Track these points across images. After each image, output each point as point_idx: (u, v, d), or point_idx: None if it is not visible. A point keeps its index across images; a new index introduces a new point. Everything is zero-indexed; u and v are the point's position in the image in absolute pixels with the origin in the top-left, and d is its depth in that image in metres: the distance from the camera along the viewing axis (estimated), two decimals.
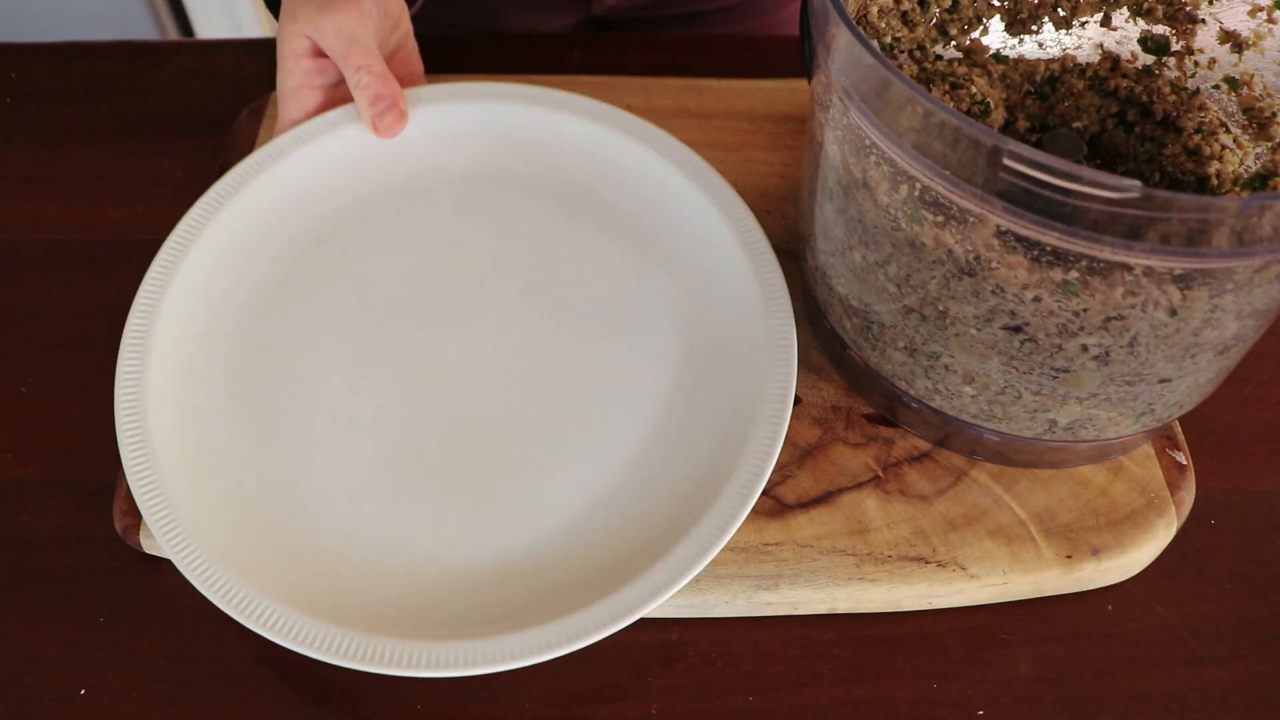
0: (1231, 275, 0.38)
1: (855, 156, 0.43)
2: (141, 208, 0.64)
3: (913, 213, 0.42)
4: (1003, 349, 0.43)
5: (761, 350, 0.51)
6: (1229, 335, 0.42)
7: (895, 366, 0.49)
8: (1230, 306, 0.40)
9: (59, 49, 0.74)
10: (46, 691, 0.45)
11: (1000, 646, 0.47)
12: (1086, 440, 0.48)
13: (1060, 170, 0.35)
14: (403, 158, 0.60)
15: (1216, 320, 0.40)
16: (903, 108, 0.39)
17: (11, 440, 0.53)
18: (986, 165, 0.37)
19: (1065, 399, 0.44)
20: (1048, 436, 0.47)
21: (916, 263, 0.43)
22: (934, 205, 0.41)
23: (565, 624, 0.43)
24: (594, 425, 0.51)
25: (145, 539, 0.48)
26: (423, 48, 0.64)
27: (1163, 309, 0.40)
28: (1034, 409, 0.46)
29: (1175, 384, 0.44)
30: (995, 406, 0.46)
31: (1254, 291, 0.39)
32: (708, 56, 0.73)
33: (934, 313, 0.44)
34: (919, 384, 0.48)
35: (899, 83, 0.38)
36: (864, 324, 0.49)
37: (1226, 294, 0.39)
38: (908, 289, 0.44)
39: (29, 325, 0.58)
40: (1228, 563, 0.50)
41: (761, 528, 0.48)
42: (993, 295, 0.41)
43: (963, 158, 0.38)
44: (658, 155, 0.59)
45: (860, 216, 0.45)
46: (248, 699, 0.45)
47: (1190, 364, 0.43)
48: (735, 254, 0.55)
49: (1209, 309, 0.40)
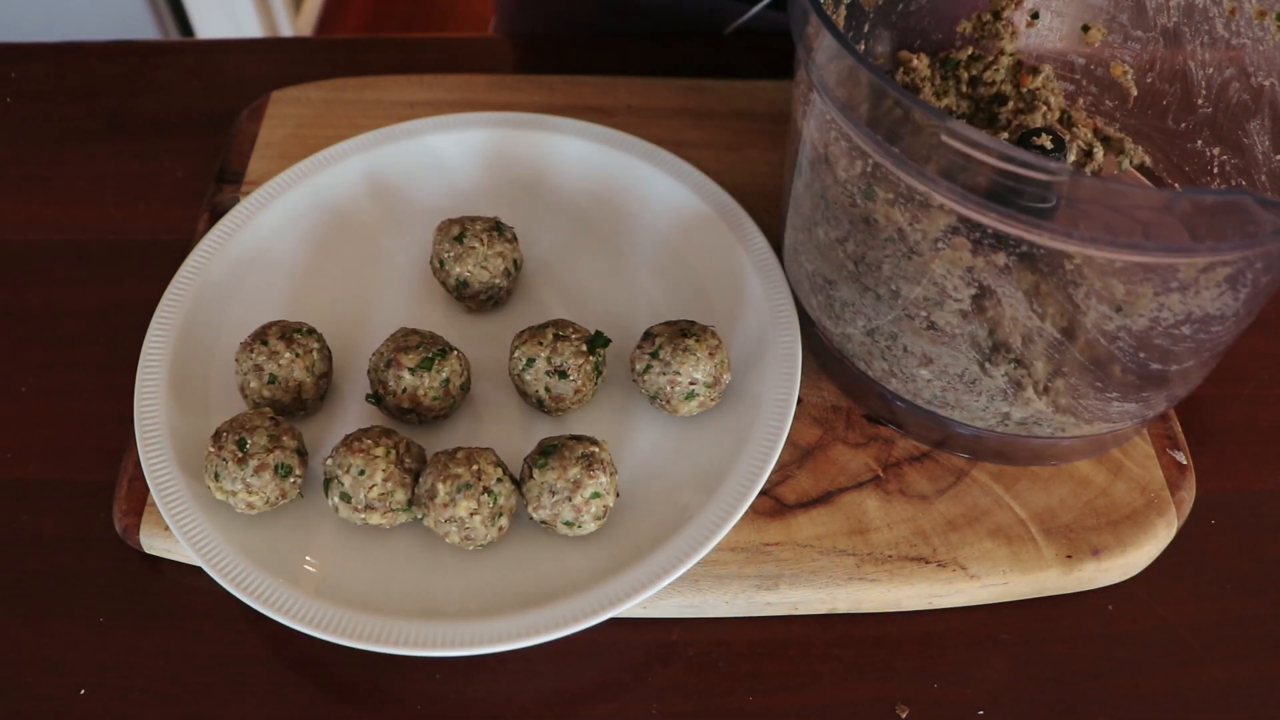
0: (1175, 273, 0.38)
1: (819, 133, 0.45)
2: (141, 208, 0.64)
3: (866, 189, 0.42)
4: (951, 333, 0.44)
5: (764, 350, 0.52)
6: (1187, 340, 0.42)
7: (855, 346, 0.49)
8: (1179, 307, 0.40)
9: (59, 49, 0.74)
10: (46, 691, 0.45)
11: (1000, 646, 0.47)
12: (1062, 437, 0.48)
13: (994, 149, 0.35)
14: (422, 180, 0.61)
15: (1164, 320, 0.40)
16: (858, 86, 0.40)
17: (11, 440, 0.53)
18: (928, 143, 0.38)
19: (1021, 387, 0.45)
20: (1000, 429, 0.48)
21: (871, 240, 0.44)
22: (884, 182, 0.41)
23: (563, 607, 0.43)
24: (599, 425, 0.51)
25: (145, 539, 0.48)
26: (427, 46, 0.64)
27: (1107, 303, 0.40)
28: (987, 399, 0.46)
29: (1137, 388, 0.45)
30: (949, 393, 0.47)
31: (1202, 294, 0.39)
32: (708, 56, 0.73)
33: (887, 292, 0.45)
34: (876, 365, 0.49)
35: (861, 67, 0.39)
36: (827, 301, 0.49)
37: (1172, 293, 0.39)
38: (864, 267, 0.45)
39: (29, 325, 0.58)
40: (1228, 563, 0.50)
41: (762, 528, 0.48)
42: (942, 278, 0.42)
43: (908, 136, 0.39)
44: (653, 166, 0.60)
45: (823, 192, 0.46)
46: (247, 698, 0.45)
47: (1149, 369, 0.43)
48: (736, 255, 0.56)
49: (1155, 307, 0.40)
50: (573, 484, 0.45)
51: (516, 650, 0.44)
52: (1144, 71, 0.54)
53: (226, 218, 0.57)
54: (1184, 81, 0.52)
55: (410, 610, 0.44)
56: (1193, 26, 0.51)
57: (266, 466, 0.45)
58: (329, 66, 0.72)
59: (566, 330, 0.50)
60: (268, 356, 0.49)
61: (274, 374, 0.49)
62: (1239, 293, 0.40)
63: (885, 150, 0.40)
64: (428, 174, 0.61)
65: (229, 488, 0.45)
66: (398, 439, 0.46)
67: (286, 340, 0.49)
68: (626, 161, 0.60)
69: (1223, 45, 0.50)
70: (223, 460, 0.45)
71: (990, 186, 0.37)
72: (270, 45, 0.79)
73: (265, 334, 0.49)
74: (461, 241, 0.53)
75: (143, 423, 0.49)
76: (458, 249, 0.53)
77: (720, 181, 0.60)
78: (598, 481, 0.45)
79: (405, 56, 0.73)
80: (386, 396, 0.49)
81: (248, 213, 0.57)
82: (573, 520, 0.45)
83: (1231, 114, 0.50)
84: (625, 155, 0.60)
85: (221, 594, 0.45)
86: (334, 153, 0.61)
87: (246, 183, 0.62)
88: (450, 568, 0.46)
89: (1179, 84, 0.52)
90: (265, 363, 0.49)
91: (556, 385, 0.49)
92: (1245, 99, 0.49)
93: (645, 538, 0.46)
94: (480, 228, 0.54)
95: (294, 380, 0.49)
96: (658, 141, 0.63)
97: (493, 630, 0.43)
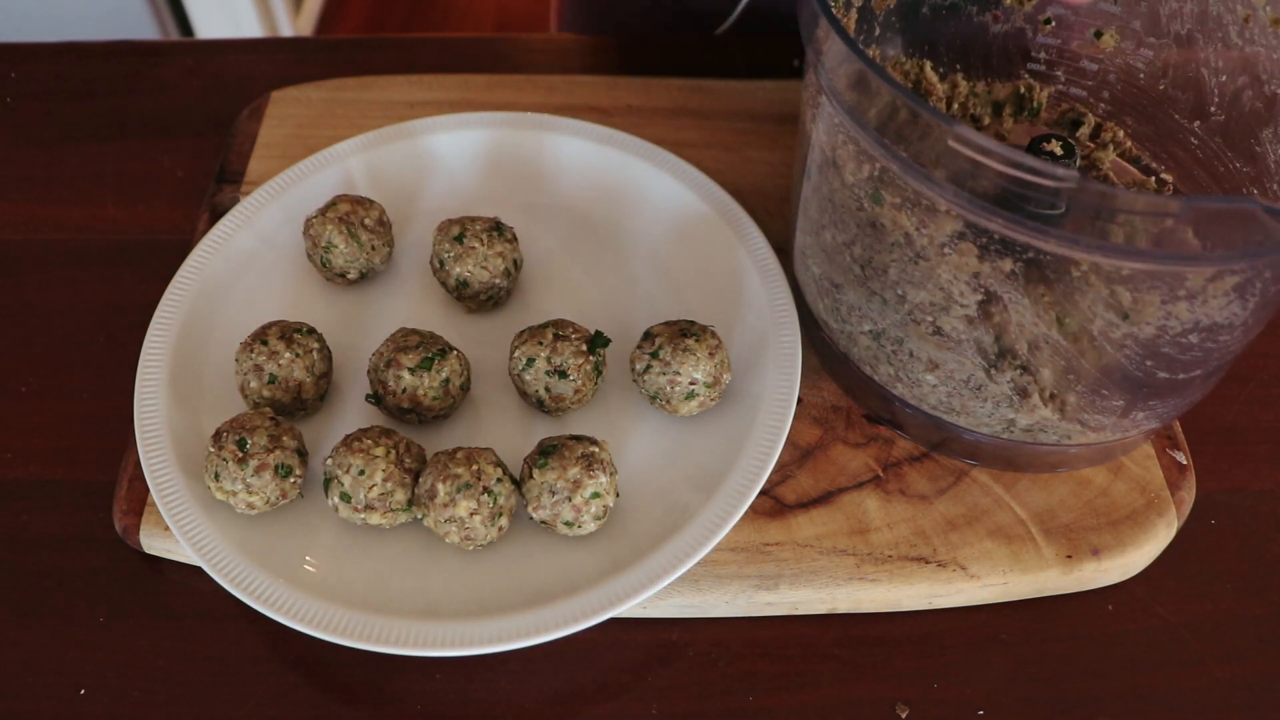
0: (1182, 281, 0.38)
1: (828, 136, 0.45)
2: (141, 208, 0.64)
3: (874, 193, 0.42)
4: (957, 338, 0.44)
5: (764, 350, 0.52)
6: (1194, 349, 0.42)
7: (861, 350, 0.49)
8: (1186, 316, 0.40)
9: (59, 49, 0.74)
10: (46, 691, 0.45)
11: (1000, 646, 0.47)
12: (1069, 445, 0.48)
13: (1001, 155, 0.35)
14: (418, 181, 0.61)
15: (1172, 329, 0.40)
16: (867, 91, 0.39)
17: (11, 440, 0.53)
18: (935, 148, 0.38)
19: (1027, 394, 0.45)
20: (1005, 435, 0.48)
21: (877, 244, 0.44)
22: (891, 186, 0.41)
23: (563, 607, 0.43)
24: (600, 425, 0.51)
25: (145, 539, 0.48)
26: (427, 46, 0.64)
27: (1114, 310, 0.40)
28: (993, 405, 0.46)
29: (1144, 396, 0.44)
30: (954, 399, 0.47)
31: (1210, 303, 0.39)
32: (708, 56, 0.73)
33: (894, 297, 0.45)
34: (882, 370, 0.49)
35: (870, 71, 0.39)
36: (834, 304, 0.49)
37: (1179, 301, 0.39)
38: (870, 271, 0.45)
39: (29, 325, 0.58)
40: (1228, 563, 0.50)
41: (762, 528, 0.48)
42: (948, 283, 0.42)
43: (916, 140, 0.38)
44: (653, 166, 0.60)
45: (830, 196, 0.46)
46: (247, 699, 0.45)
47: (1156, 378, 0.43)
48: (736, 255, 0.56)
49: (1163, 315, 0.39)
50: (573, 484, 0.45)
51: (516, 650, 0.44)
52: (1156, 78, 0.53)
53: (226, 217, 0.57)
54: (1197, 89, 0.52)
55: (410, 610, 0.44)
56: (1206, 34, 0.50)
57: (267, 466, 0.45)
58: (329, 66, 0.72)
59: (566, 330, 0.50)
60: (268, 356, 0.49)
61: (274, 374, 0.49)
62: (1247, 302, 0.39)
63: (892, 154, 0.40)
64: (428, 174, 0.61)
65: (229, 488, 0.45)
66: (397, 439, 0.46)
67: (286, 340, 0.49)
68: (626, 161, 0.60)
69: (1237, 52, 0.50)
70: (223, 460, 0.45)
71: (997, 192, 0.37)
72: (270, 45, 0.79)
73: (265, 334, 0.49)
74: (461, 242, 0.53)
75: (142, 423, 0.49)
76: (458, 249, 0.53)
77: (720, 181, 0.60)
78: (597, 481, 0.45)
79: (405, 56, 0.73)
80: (386, 396, 0.49)
81: (248, 212, 0.58)
82: (573, 520, 0.45)
83: (1244, 122, 0.50)
84: (625, 155, 0.60)
85: (221, 594, 0.45)
86: (334, 152, 0.61)
87: (246, 183, 0.62)
88: (450, 568, 0.46)
89: (1191, 91, 0.52)
90: (265, 363, 0.49)
91: (557, 385, 0.49)
92: (1259, 107, 0.49)
93: (645, 538, 0.46)
94: (480, 228, 0.54)
95: (294, 380, 0.49)
96: (658, 141, 0.63)
97: (493, 630, 0.43)
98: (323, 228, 0.54)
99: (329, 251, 0.54)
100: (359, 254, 0.55)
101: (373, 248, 0.55)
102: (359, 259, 0.55)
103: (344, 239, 0.54)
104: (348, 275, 0.55)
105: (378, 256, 0.56)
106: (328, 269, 0.55)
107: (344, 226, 0.54)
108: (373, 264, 0.56)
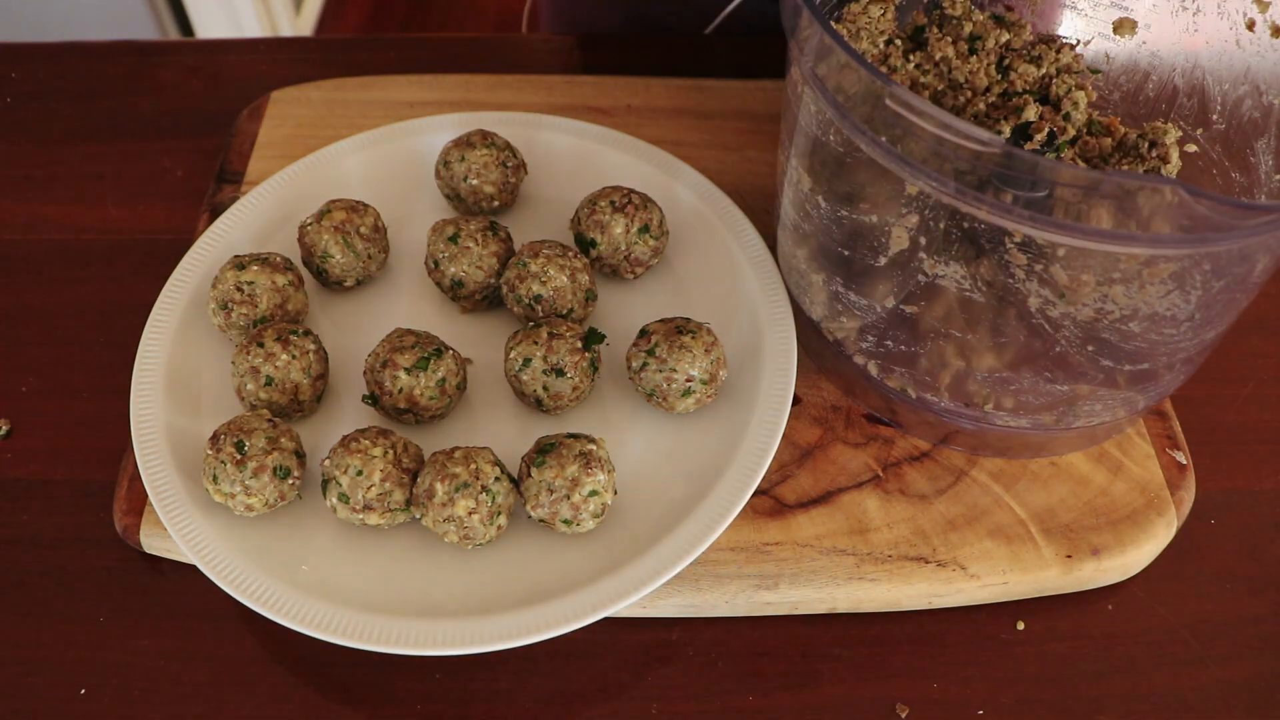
0: (1116, 263, 0.38)
1: (805, 123, 0.45)
2: (141, 208, 0.64)
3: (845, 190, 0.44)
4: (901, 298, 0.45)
5: (760, 347, 0.52)
6: (1137, 338, 0.42)
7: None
8: (1124, 300, 0.40)
9: (59, 49, 0.74)
10: (46, 691, 0.46)
11: (1000, 646, 0.47)
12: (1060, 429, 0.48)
13: (933, 116, 0.36)
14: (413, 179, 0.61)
15: (1110, 313, 0.40)
16: (827, 57, 0.40)
17: (11, 440, 0.53)
18: (875, 109, 0.38)
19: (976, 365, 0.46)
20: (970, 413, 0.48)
21: (849, 228, 0.45)
22: (859, 168, 0.42)
23: (562, 605, 0.43)
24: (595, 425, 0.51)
25: (145, 538, 0.48)
26: (427, 46, 0.64)
27: (1049, 286, 0.40)
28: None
29: (1096, 383, 0.45)
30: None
31: (1147, 289, 0.39)
32: (708, 57, 0.73)
33: (869, 284, 0.46)
34: (871, 365, 0.49)
35: (838, 47, 0.39)
36: (823, 295, 0.50)
37: (1115, 284, 0.39)
38: (848, 255, 0.46)
39: (29, 325, 0.58)
40: (1228, 563, 0.50)
41: (761, 527, 0.48)
42: (892, 245, 0.43)
43: (864, 104, 0.39)
44: (651, 166, 0.60)
45: (799, 182, 0.47)
46: (247, 698, 0.45)
47: (1099, 364, 0.43)
48: (732, 253, 0.56)
49: (1098, 297, 0.40)
50: (571, 482, 0.45)
51: (516, 649, 0.44)
52: (1163, 83, 0.53)
53: (223, 217, 0.57)
54: (1201, 96, 0.52)
55: (410, 610, 0.44)
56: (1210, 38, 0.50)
57: (265, 468, 0.45)
58: (329, 66, 0.72)
59: (560, 328, 0.50)
60: (264, 359, 0.49)
61: (271, 376, 0.49)
62: (1189, 294, 0.39)
63: (860, 130, 0.40)
64: (427, 174, 0.61)
65: (227, 490, 0.45)
66: (395, 439, 0.46)
67: (283, 342, 0.49)
68: (625, 161, 0.60)
69: (1239, 60, 0.50)
70: (221, 462, 0.45)
71: (975, 173, 0.37)
72: (270, 45, 0.79)
73: (261, 336, 0.49)
74: (456, 242, 0.53)
75: (139, 427, 0.48)
76: (452, 249, 0.53)
77: (719, 181, 0.60)
78: (595, 479, 0.45)
79: (405, 56, 0.73)
80: (383, 397, 0.49)
81: (245, 212, 0.57)
82: (571, 518, 0.45)
83: (1242, 131, 0.50)
84: (623, 155, 0.60)
85: (222, 594, 0.45)
86: (333, 152, 0.61)
87: (246, 183, 0.62)
88: (449, 567, 0.46)
89: (1196, 98, 0.52)
90: (262, 365, 0.49)
91: (554, 383, 0.49)
92: (1256, 117, 0.49)
93: (643, 535, 0.46)
94: (475, 228, 0.54)
95: (291, 382, 0.49)
96: (657, 141, 0.63)
97: (492, 629, 0.43)
98: (318, 236, 0.53)
99: (325, 261, 0.54)
100: (355, 263, 0.54)
101: (369, 256, 0.54)
102: (355, 268, 0.54)
103: (340, 249, 0.53)
104: (344, 283, 0.55)
105: (374, 264, 0.55)
106: (323, 278, 0.55)
107: (340, 236, 0.53)
108: (369, 271, 0.55)
